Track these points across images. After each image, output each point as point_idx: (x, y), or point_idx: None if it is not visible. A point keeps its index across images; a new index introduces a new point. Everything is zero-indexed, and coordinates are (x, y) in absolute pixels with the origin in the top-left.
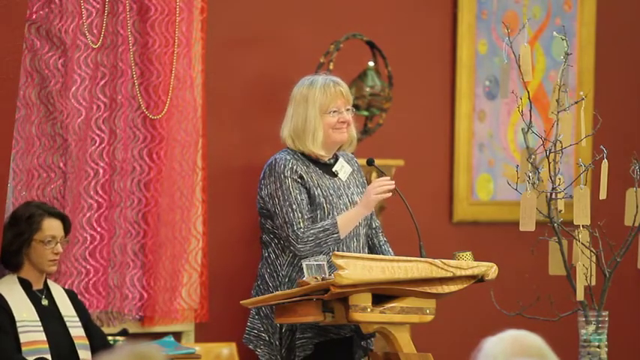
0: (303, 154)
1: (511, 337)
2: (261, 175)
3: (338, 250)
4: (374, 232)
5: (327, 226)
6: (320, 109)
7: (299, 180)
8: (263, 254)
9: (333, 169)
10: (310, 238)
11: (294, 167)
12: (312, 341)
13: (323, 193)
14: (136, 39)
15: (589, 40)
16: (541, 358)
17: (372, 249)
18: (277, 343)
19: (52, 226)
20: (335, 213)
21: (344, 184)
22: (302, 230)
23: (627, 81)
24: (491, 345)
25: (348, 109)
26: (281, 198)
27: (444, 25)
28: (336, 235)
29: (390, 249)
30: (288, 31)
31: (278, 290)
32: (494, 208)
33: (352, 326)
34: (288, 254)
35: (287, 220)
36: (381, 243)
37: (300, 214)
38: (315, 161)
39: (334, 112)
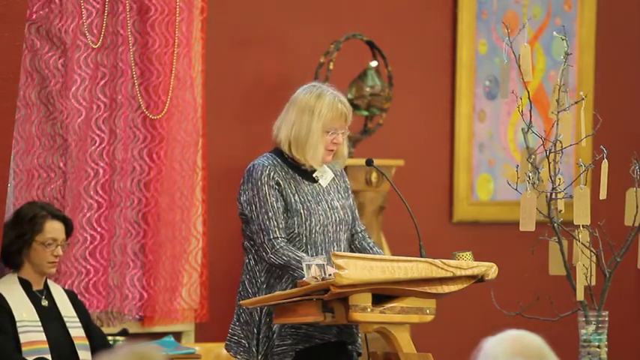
0: (284, 159)
1: (512, 337)
2: (241, 181)
3: (316, 255)
4: (360, 235)
5: (304, 259)
6: (323, 127)
7: (276, 187)
8: (244, 260)
9: (314, 175)
10: (284, 258)
11: (272, 174)
12: (292, 348)
13: (300, 200)
14: (136, 39)
15: (589, 40)
16: (541, 359)
17: (363, 252)
18: (254, 349)
19: (53, 229)
20: (312, 219)
21: (324, 190)
22: (277, 241)
23: (627, 81)
24: (491, 345)
25: (343, 133)
26: (258, 205)
27: (444, 25)
28: (302, 273)
29: (380, 250)
30: (288, 31)
31: (257, 296)
32: (494, 208)
33: (335, 330)
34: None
35: (263, 227)
36: (371, 245)
37: (275, 222)
38: (295, 167)
39: (332, 133)
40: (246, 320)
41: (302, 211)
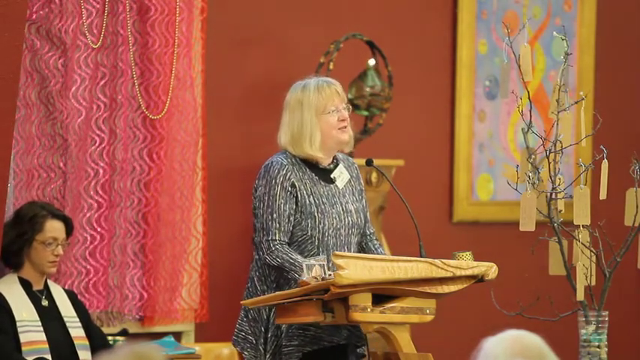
0: (301, 158)
1: (511, 337)
2: (257, 175)
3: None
4: (368, 237)
5: (298, 262)
6: (316, 111)
7: (290, 188)
8: (254, 256)
9: (332, 176)
10: (277, 260)
11: (288, 174)
12: (299, 349)
13: (315, 202)
14: (136, 39)
15: (589, 40)
16: (541, 359)
17: (368, 253)
18: (262, 348)
19: (54, 228)
20: (326, 222)
21: (339, 192)
22: (275, 242)
23: (627, 81)
24: (491, 345)
25: (345, 108)
26: (266, 203)
27: (444, 25)
28: (297, 276)
29: (384, 252)
30: (288, 31)
31: (266, 294)
32: (494, 208)
33: (345, 334)
34: None
35: (264, 227)
36: (376, 247)
37: (277, 225)
38: (313, 166)
39: (333, 111)
40: (254, 317)
41: (316, 213)
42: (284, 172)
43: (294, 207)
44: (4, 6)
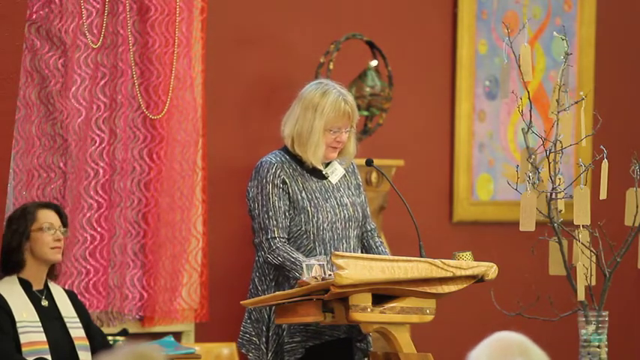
0: (293, 156)
1: (491, 341)
2: (249, 178)
3: (323, 254)
4: (369, 234)
5: (299, 262)
6: (325, 126)
7: (281, 185)
8: (255, 257)
9: (324, 172)
10: (279, 258)
11: (278, 172)
12: (302, 345)
13: (308, 197)
14: (136, 39)
15: (589, 40)
16: (524, 352)
17: (369, 251)
18: (264, 347)
19: (47, 215)
20: (320, 215)
21: (333, 187)
22: (275, 241)
23: (627, 81)
24: (475, 355)
25: (347, 131)
26: (260, 203)
27: (444, 25)
28: (298, 276)
29: (386, 250)
30: (288, 31)
31: (266, 294)
32: (494, 208)
33: (345, 327)
34: None
35: (262, 226)
36: (377, 244)
37: (275, 222)
38: (304, 163)
39: (335, 131)
40: (257, 318)
41: (309, 208)
42: (273, 170)
43: (288, 203)
44: (4, 6)
